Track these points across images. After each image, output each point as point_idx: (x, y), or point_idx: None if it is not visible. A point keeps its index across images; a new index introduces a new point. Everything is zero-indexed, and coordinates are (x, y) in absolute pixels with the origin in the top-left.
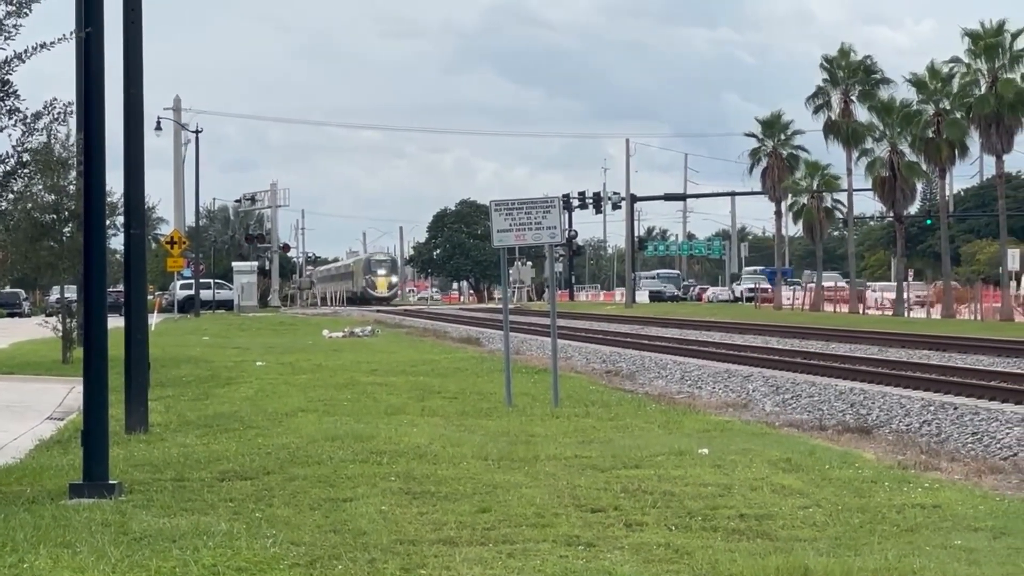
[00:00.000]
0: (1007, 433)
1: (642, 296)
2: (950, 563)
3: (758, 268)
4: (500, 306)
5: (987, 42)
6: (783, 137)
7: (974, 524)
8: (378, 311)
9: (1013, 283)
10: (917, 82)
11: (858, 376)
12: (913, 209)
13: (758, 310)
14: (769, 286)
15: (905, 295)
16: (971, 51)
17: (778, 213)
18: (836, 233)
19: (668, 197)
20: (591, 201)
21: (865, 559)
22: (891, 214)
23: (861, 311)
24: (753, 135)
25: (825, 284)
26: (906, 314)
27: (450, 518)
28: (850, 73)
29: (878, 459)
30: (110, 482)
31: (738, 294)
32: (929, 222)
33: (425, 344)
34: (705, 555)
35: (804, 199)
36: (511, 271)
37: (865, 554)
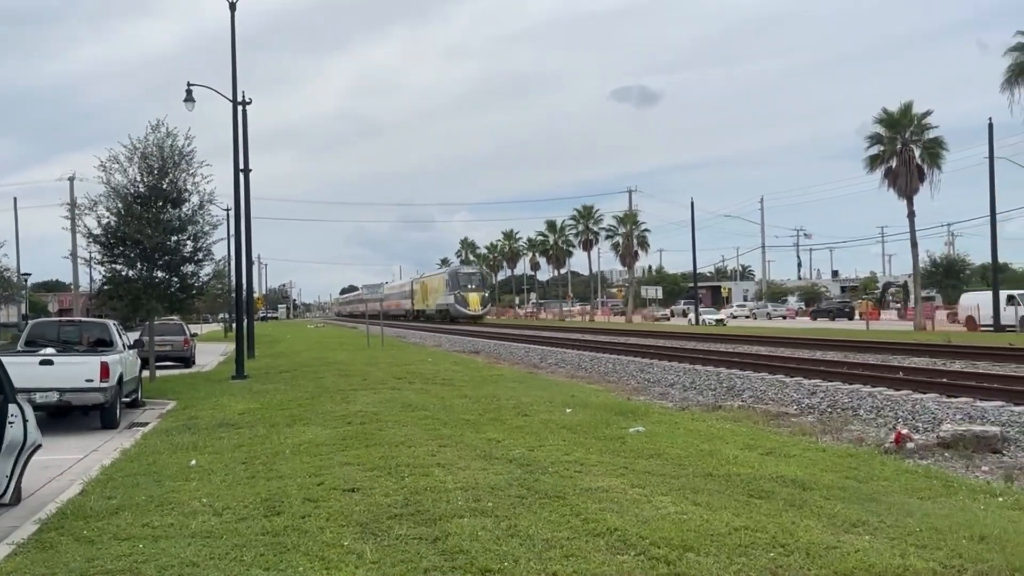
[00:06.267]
0: (527, 352)
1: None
2: (508, 389)
3: None
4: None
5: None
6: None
7: (512, 379)
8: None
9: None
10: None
11: (477, 335)
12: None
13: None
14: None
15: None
16: (548, 229)
17: None
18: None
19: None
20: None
21: (482, 390)
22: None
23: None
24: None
25: None
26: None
27: (353, 382)
28: (467, 247)
29: (483, 361)
30: (244, 374)
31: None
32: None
33: (341, 329)
34: (435, 391)
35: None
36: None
37: (482, 388)
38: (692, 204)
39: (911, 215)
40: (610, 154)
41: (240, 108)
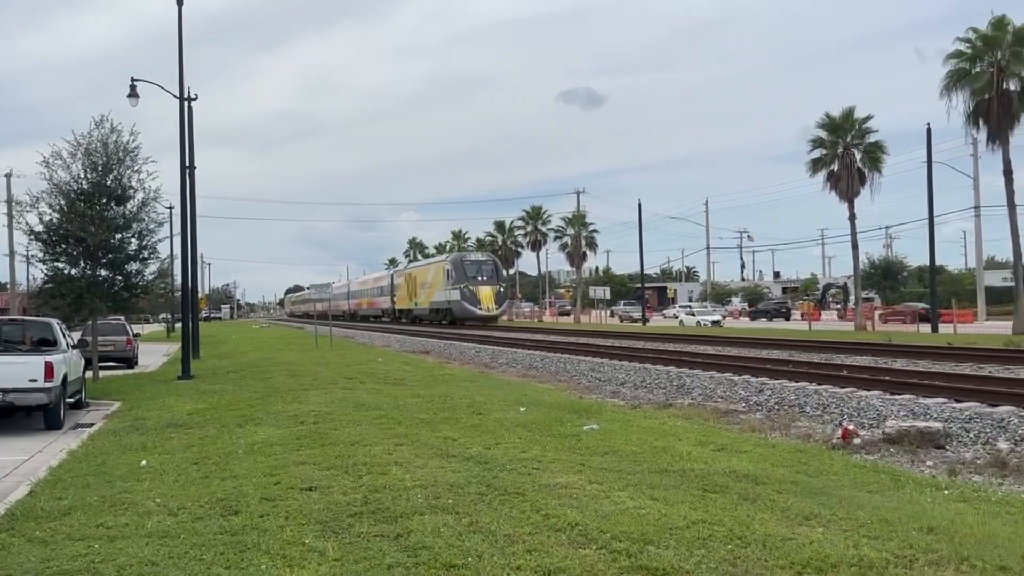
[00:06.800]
0: (477, 352)
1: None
2: (460, 388)
3: None
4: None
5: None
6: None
7: (464, 378)
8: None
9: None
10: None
11: (423, 335)
12: None
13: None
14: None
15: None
16: (497, 229)
17: None
18: None
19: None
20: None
21: (435, 389)
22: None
23: None
24: (393, 259)
25: None
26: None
27: (304, 382)
28: (415, 247)
29: (433, 360)
30: (191, 375)
31: None
32: None
33: (288, 329)
34: (387, 390)
35: None
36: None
37: (435, 387)
38: (639, 206)
39: (852, 217)
40: (558, 155)
41: (186, 104)
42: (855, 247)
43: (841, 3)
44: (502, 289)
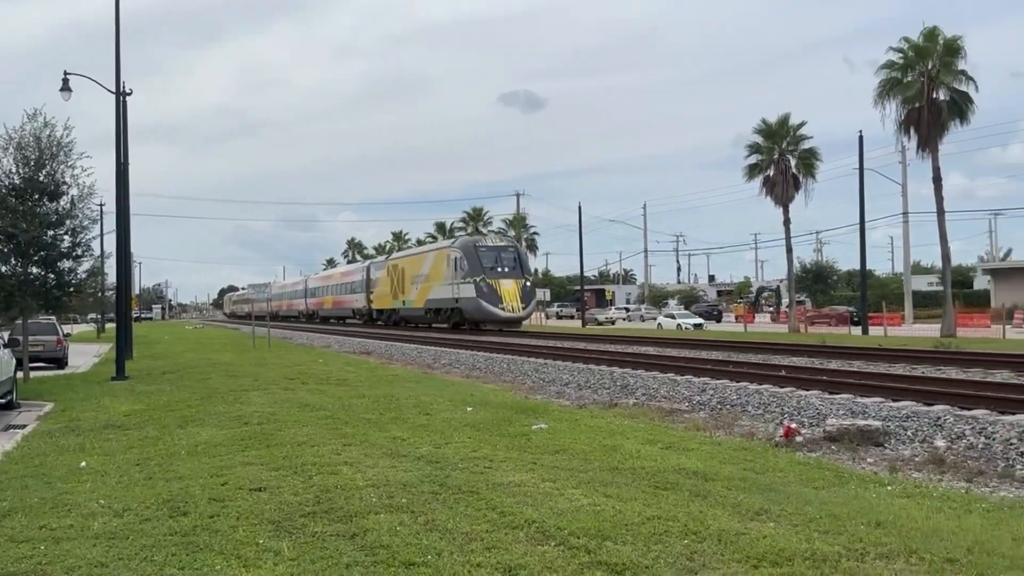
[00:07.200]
0: (419, 352)
1: None
2: (405, 389)
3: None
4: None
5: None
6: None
7: (408, 379)
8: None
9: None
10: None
11: (362, 335)
12: None
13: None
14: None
15: None
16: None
17: None
18: None
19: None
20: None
21: (379, 389)
22: None
23: None
24: (331, 260)
25: None
26: None
27: (244, 383)
28: (354, 247)
29: (375, 361)
30: (125, 375)
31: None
32: None
33: (222, 330)
34: (331, 391)
35: None
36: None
37: (379, 387)
38: (580, 209)
39: (787, 222)
40: (499, 157)
41: (121, 100)
42: (789, 251)
43: (776, 12)
44: (528, 284)
